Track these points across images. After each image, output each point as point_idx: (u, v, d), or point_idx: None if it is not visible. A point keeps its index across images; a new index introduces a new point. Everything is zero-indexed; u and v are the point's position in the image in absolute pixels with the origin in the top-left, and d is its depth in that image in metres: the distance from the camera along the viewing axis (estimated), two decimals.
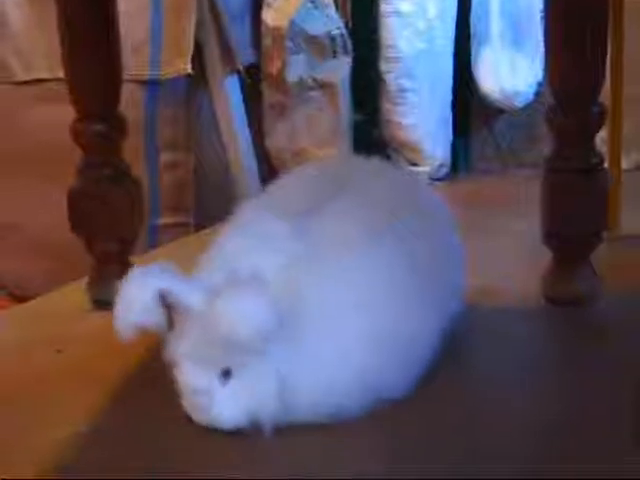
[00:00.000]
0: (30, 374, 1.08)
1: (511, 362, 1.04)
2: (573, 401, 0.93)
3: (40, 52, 2.01)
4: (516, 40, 2.25)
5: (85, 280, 1.28)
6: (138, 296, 0.87)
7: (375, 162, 1.12)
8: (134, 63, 1.84)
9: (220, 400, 0.87)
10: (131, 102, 1.73)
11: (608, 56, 1.15)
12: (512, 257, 1.41)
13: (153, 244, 1.89)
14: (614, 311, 1.13)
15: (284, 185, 1.07)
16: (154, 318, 0.87)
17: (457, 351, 1.03)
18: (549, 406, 0.92)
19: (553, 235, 1.17)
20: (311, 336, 0.88)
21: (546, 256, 1.18)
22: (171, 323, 0.88)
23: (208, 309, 0.85)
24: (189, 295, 0.87)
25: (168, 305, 0.87)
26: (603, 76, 1.13)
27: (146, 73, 1.89)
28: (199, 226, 1.94)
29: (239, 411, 0.87)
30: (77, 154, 1.25)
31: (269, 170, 2.14)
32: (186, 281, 0.89)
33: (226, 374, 0.86)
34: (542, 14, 1.21)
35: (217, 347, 0.85)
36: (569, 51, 1.11)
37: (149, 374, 1.04)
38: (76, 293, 1.29)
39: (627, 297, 1.16)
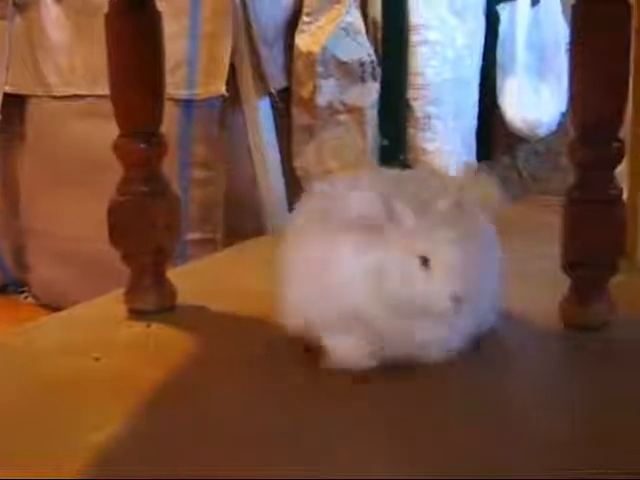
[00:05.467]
0: (68, 381, 1.09)
1: (524, 380, 1.09)
2: (580, 419, 0.98)
3: (79, 68, 2.07)
4: (541, 71, 2.30)
5: (121, 290, 1.32)
6: None
7: None
8: (170, 83, 1.89)
9: None
10: (166, 120, 1.79)
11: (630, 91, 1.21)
12: (532, 281, 1.45)
13: (182, 258, 1.94)
14: (628, 337, 1.17)
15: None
16: None
17: (473, 369, 1.08)
18: (557, 423, 0.97)
19: (571, 262, 1.22)
20: None
21: (565, 281, 1.23)
22: None
23: None
24: None
25: None
26: (624, 112, 1.18)
27: (182, 93, 1.94)
28: (226, 242, 1.99)
29: None
30: (112, 168, 1.29)
31: (296, 190, 2.19)
32: None
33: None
34: (567, 47, 1.25)
35: None
36: (592, 87, 1.16)
37: (185, 382, 1.09)
38: (113, 303, 1.32)
39: None
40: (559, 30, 2.25)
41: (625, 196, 1.37)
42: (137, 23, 1.24)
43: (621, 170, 1.55)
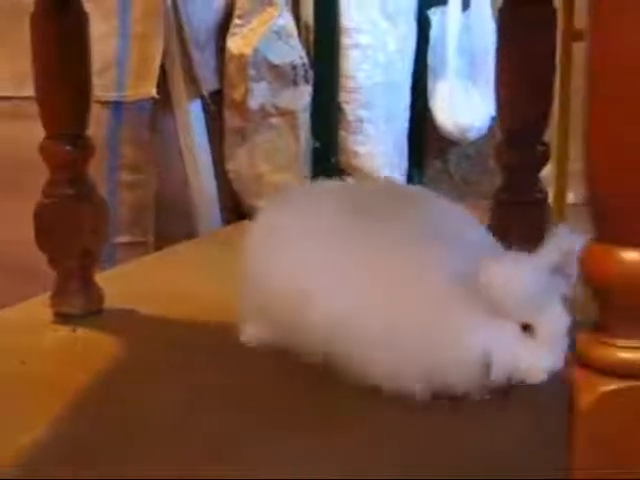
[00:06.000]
0: None
1: None
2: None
3: (5, 70, 2.04)
4: (471, 75, 2.32)
5: (48, 294, 1.31)
6: None
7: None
8: (100, 85, 1.88)
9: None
10: (95, 122, 1.77)
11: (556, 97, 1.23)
12: None
13: (111, 261, 1.92)
14: None
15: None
16: None
17: None
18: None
19: None
20: None
21: None
22: None
23: None
24: None
25: None
26: (548, 115, 1.20)
27: (111, 95, 1.92)
28: (158, 245, 1.98)
29: None
30: (39, 170, 1.27)
31: (229, 193, 2.18)
32: None
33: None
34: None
35: None
36: (518, 90, 1.18)
37: (110, 385, 1.08)
38: (39, 306, 1.31)
39: None
40: (489, 35, 2.27)
41: (551, 198, 1.39)
42: (62, 24, 1.22)
43: (547, 173, 1.58)
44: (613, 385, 0.55)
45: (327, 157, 2.21)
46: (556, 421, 0.59)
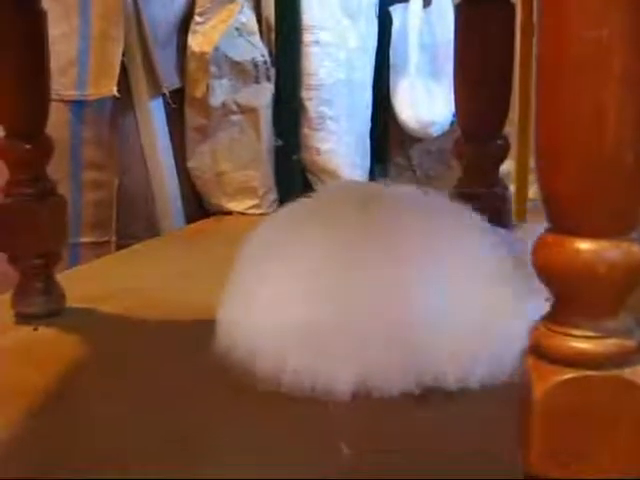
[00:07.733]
0: None
1: None
2: None
3: None
4: (433, 71, 2.33)
5: (9, 294, 1.30)
6: None
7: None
8: (61, 83, 1.87)
9: None
10: (57, 122, 1.76)
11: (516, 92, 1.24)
12: None
13: (75, 261, 1.91)
14: None
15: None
16: None
17: None
18: None
19: None
20: None
21: None
22: None
23: None
24: None
25: None
26: (507, 111, 1.21)
27: (72, 94, 1.91)
28: (120, 245, 1.97)
29: None
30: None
31: (191, 191, 2.18)
32: None
33: None
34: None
35: None
36: (474, 86, 1.19)
37: (69, 386, 1.07)
38: (1, 306, 1.29)
39: None
40: (451, 31, 2.27)
41: (512, 193, 1.40)
42: (20, 22, 1.21)
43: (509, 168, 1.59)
44: (567, 375, 0.56)
45: (289, 154, 2.21)
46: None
